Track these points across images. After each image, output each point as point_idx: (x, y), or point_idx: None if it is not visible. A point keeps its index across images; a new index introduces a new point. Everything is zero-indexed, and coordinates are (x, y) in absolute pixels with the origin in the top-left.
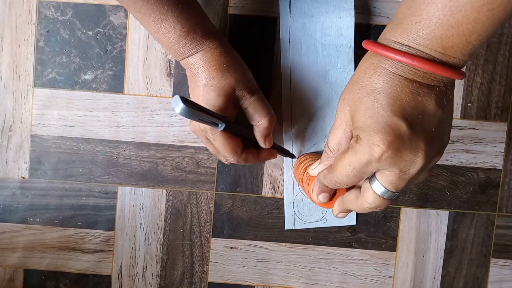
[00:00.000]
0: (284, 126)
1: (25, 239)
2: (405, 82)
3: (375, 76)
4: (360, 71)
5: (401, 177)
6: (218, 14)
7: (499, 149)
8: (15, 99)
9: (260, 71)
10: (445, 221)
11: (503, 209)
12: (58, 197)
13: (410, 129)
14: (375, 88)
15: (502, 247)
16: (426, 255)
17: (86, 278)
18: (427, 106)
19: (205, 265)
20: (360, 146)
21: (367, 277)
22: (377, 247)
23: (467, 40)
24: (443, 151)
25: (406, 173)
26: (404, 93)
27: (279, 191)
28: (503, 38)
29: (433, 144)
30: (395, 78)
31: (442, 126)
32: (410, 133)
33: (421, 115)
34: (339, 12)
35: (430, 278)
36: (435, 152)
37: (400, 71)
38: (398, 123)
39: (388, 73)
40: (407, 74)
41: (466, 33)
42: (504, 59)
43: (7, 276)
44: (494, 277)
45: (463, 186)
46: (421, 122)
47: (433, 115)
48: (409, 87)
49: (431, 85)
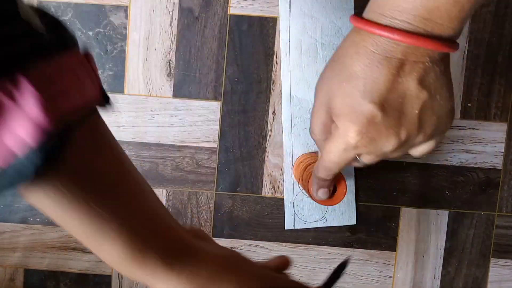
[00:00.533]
0: (284, 126)
1: (26, 239)
2: (385, 62)
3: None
4: (343, 48)
5: (377, 156)
6: (218, 14)
7: (499, 149)
8: None
9: (260, 71)
10: (445, 221)
11: (503, 209)
12: None
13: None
14: (354, 72)
15: (501, 247)
16: (426, 255)
17: (86, 277)
18: (408, 87)
19: None
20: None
21: (367, 277)
22: (377, 247)
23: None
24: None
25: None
26: (383, 76)
27: (279, 191)
28: (503, 38)
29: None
30: (375, 58)
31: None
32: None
33: (401, 99)
34: (339, 12)
35: (430, 278)
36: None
37: (380, 49)
38: (374, 111)
39: (368, 53)
40: (389, 52)
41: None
42: (504, 60)
43: (7, 276)
44: (493, 277)
45: (463, 186)
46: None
47: (416, 97)
48: (389, 68)
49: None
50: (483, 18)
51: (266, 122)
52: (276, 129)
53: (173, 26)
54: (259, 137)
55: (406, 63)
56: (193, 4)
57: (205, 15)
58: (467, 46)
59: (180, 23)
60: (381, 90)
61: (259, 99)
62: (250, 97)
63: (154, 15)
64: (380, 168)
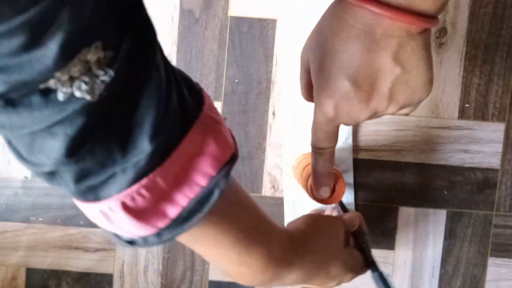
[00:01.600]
0: (284, 126)
1: (28, 238)
2: (362, 37)
3: (336, 30)
4: (325, 19)
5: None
6: (218, 16)
7: (497, 149)
8: None
9: (260, 72)
10: (443, 220)
11: (501, 208)
12: (61, 196)
13: (359, 91)
14: (334, 46)
15: (499, 246)
16: (424, 254)
17: (88, 276)
18: (382, 63)
19: (206, 263)
20: (318, 110)
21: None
22: (375, 246)
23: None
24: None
25: (359, 122)
26: (358, 52)
27: (279, 191)
28: (500, 39)
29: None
30: (353, 33)
31: (402, 81)
32: (358, 94)
33: (375, 74)
34: None
35: (428, 276)
36: (398, 107)
37: (359, 22)
38: (348, 87)
39: (347, 27)
40: (367, 26)
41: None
42: (502, 60)
43: (9, 275)
44: (491, 276)
45: (461, 185)
46: (373, 81)
47: (390, 72)
48: (365, 44)
49: (391, 35)
50: (481, 19)
51: (266, 123)
52: (276, 129)
53: (174, 28)
54: (259, 137)
55: (383, 38)
56: (193, 6)
57: (206, 16)
58: (465, 47)
59: (181, 24)
60: (356, 66)
61: (259, 100)
62: (250, 97)
63: (155, 17)
64: (378, 168)
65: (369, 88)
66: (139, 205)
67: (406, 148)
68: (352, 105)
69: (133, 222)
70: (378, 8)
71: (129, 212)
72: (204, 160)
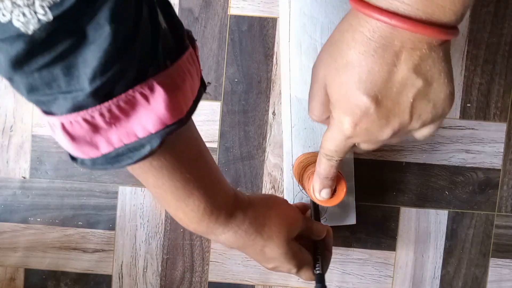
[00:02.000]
0: (284, 126)
1: (26, 239)
2: (380, 51)
3: (352, 43)
4: (340, 32)
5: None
6: (218, 14)
7: (498, 149)
8: (15, 99)
9: (261, 72)
10: (444, 220)
11: (502, 209)
12: (59, 197)
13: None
14: (350, 60)
15: (501, 246)
16: (426, 255)
17: (86, 277)
18: (403, 76)
19: (205, 264)
20: (333, 124)
21: (366, 277)
22: (377, 246)
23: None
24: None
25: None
26: (378, 66)
27: (279, 191)
28: (502, 38)
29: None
30: (371, 46)
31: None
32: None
33: (395, 88)
34: (339, 12)
35: (430, 277)
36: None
37: (377, 35)
38: (367, 104)
39: (364, 40)
40: (385, 39)
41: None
42: (503, 60)
43: (8, 275)
44: (493, 277)
45: (462, 186)
46: (394, 96)
47: (411, 85)
48: (384, 58)
49: (411, 48)
50: (482, 19)
51: (266, 122)
52: (276, 129)
53: None
54: (259, 137)
55: (403, 51)
56: (193, 4)
57: (205, 15)
58: (466, 46)
59: None
60: (375, 81)
61: (259, 99)
62: (250, 97)
63: None
64: (380, 168)
65: (390, 103)
66: (76, 131)
67: (407, 148)
68: (372, 121)
69: (68, 143)
70: (398, 21)
71: (66, 133)
72: (148, 115)
